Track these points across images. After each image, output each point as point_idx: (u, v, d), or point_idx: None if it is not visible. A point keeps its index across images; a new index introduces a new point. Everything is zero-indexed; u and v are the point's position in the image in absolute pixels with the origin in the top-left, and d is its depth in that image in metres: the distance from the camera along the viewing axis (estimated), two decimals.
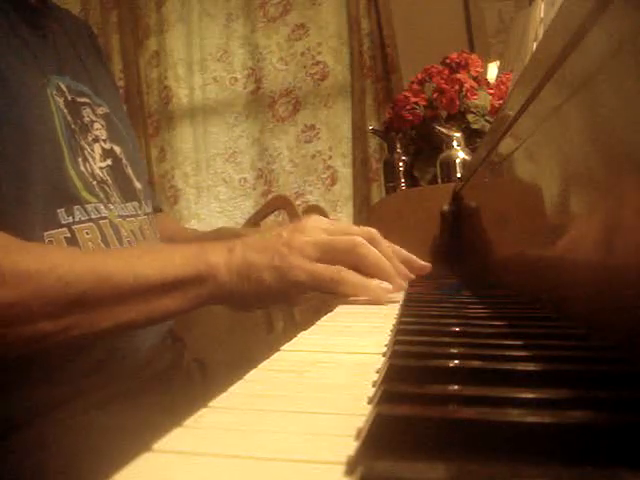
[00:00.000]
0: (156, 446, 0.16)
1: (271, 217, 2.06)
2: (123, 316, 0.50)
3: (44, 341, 0.48)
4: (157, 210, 0.83)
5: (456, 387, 0.22)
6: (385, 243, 0.56)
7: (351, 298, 0.53)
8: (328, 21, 2.36)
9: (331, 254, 0.52)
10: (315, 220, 0.55)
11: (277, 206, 1.80)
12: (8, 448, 0.50)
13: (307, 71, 2.38)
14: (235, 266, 0.51)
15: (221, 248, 0.53)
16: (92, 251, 0.57)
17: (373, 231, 0.56)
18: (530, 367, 0.25)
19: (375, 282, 0.51)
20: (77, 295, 0.48)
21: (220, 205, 2.49)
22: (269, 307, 0.68)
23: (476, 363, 0.25)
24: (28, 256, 0.48)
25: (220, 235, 0.83)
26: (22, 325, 0.46)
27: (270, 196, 2.30)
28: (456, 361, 0.26)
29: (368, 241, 0.53)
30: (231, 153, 2.48)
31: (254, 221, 1.85)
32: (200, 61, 2.49)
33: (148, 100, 2.52)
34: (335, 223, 0.56)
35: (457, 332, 0.35)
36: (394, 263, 0.55)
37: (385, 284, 0.51)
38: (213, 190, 2.49)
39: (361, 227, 0.57)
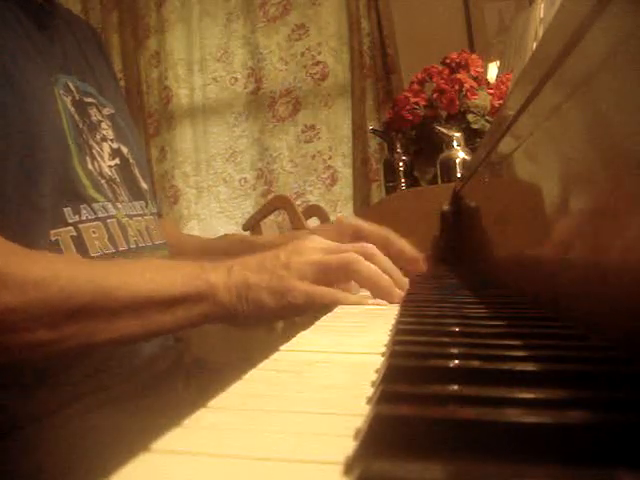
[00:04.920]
0: (154, 446, 0.16)
1: (271, 217, 2.06)
2: (122, 330, 0.50)
3: (41, 349, 0.48)
4: (158, 215, 0.83)
5: (455, 387, 0.22)
6: (382, 256, 0.56)
7: None
8: (328, 21, 2.36)
9: (327, 273, 0.53)
10: (312, 240, 0.56)
11: (277, 206, 1.81)
12: (8, 448, 0.50)
13: (307, 71, 2.39)
14: (234, 286, 0.52)
15: (220, 268, 0.53)
16: (96, 263, 0.57)
17: (369, 246, 0.56)
18: (530, 367, 0.25)
19: (369, 301, 0.53)
20: (78, 306, 0.48)
21: (220, 205, 2.49)
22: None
23: (476, 363, 0.25)
24: (32, 264, 0.48)
25: (228, 243, 0.83)
26: (21, 332, 0.47)
27: (270, 196, 2.30)
28: (455, 361, 0.26)
29: (364, 256, 0.54)
30: (231, 153, 2.48)
31: (254, 221, 1.86)
32: (200, 61, 2.49)
33: (148, 100, 2.52)
34: (331, 242, 0.57)
35: (456, 332, 0.35)
36: (393, 275, 0.55)
37: (380, 302, 0.52)
38: (213, 190, 2.49)
39: (358, 244, 0.57)
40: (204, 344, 0.77)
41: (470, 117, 1.30)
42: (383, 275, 0.53)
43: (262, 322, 0.57)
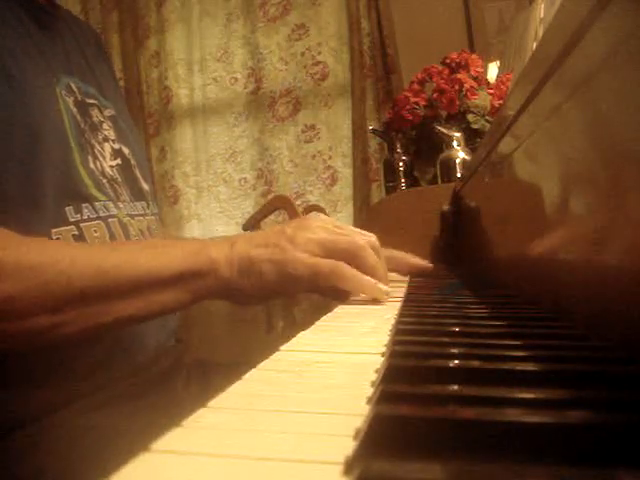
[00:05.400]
0: (154, 446, 0.16)
1: (271, 217, 2.06)
2: (124, 310, 0.50)
3: (45, 335, 0.48)
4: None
5: (455, 387, 0.22)
6: (382, 250, 0.56)
7: (351, 298, 0.53)
8: (328, 21, 2.36)
9: (332, 252, 0.52)
10: (319, 219, 0.55)
11: (277, 206, 1.80)
12: (8, 448, 0.50)
13: (307, 71, 2.38)
14: (236, 261, 0.51)
15: (222, 243, 0.53)
16: (94, 245, 0.57)
17: (374, 237, 0.56)
18: (530, 367, 0.25)
19: (373, 281, 0.52)
20: (78, 289, 0.48)
21: (220, 205, 2.49)
22: (269, 302, 0.68)
23: (475, 363, 0.25)
24: (30, 250, 0.48)
25: None
26: (23, 319, 0.46)
27: (270, 196, 2.30)
28: (455, 361, 0.26)
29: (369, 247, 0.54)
30: (231, 153, 2.48)
31: (254, 221, 1.86)
32: (200, 61, 2.49)
33: (148, 100, 2.52)
34: (339, 224, 0.56)
35: (457, 332, 0.35)
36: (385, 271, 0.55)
37: (382, 285, 0.51)
38: (213, 190, 2.49)
39: (363, 232, 0.57)
40: (204, 344, 0.77)
41: (470, 117, 1.30)
42: (383, 270, 0.53)
43: (263, 298, 0.56)
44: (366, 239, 0.54)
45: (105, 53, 0.84)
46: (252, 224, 1.85)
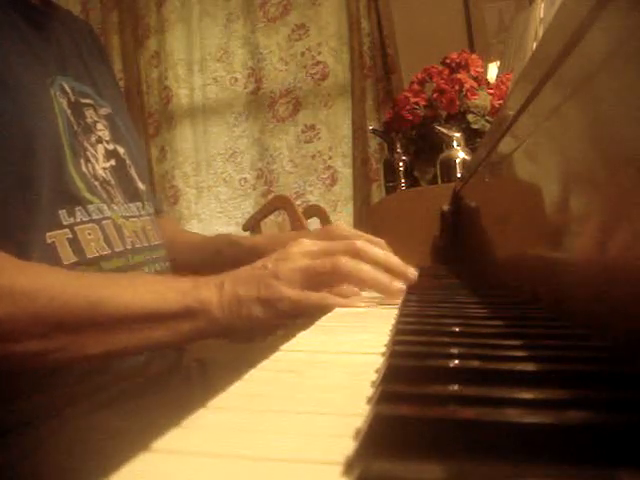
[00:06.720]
0: (154, 446, 0.16)
1: (271, 217, 2.06)
2: (113, 343, 0.50)
3: (32, 360, 0.48)
4: (158, 212, 0.83)
5: (455, 387, 0.22)
6: (373, 250, 0.55)
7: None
8: (328, 21, 2.36)
9: (316, 278, 0.53)
10: (297, 244, 0.55)
11: (277, 206, 1.80)
12: (7, 448, 0.50)
13: (307, 71, 2.39)
14: (226, 302, 0.52)
15: (212, 284, 0.53)
16: (87, 275, 0.57)
17: (356, 243, 0.55)
18: (530, 367, 0.25)
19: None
20: (68, 318, 0.48)
21: (220, 205, 2.49)
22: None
23: (475, 363, 0.25)
24: (23, 275, 0.48)
25: (216, 245, 0.84)
26: (12, 342, 0.47)
27: (270, 196, 2.30)
28: (455, 361, 0.26)
29: (352, 254, 0.53)
30: (231, 153, 2.48)
31: (254, 221, 1.86)
32: (200, 61, 2.49)
33: (148, 100, 2.52)
34: (318, 243, 0.56)
35: (457, 332, 0.35)
36: (389, 266, 0.55)
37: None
38: (213, 190, 2.49)
39: (345, 242, 0.56)
40: (204, 344, 0.77)
41: (470, 117, 1.30)
42: (376, 273, 0.53)
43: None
44: (347, 250, 0.54)
45: (102, 49, 0.83)
46: (252, 224, 1.85)
